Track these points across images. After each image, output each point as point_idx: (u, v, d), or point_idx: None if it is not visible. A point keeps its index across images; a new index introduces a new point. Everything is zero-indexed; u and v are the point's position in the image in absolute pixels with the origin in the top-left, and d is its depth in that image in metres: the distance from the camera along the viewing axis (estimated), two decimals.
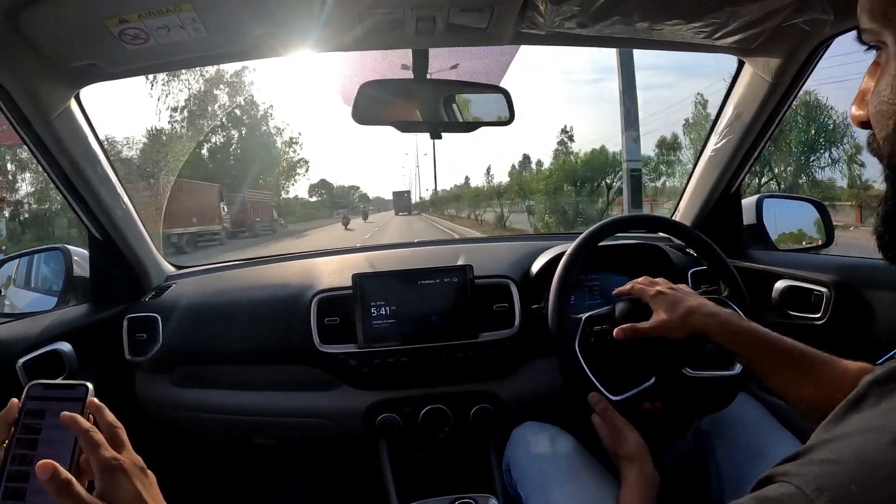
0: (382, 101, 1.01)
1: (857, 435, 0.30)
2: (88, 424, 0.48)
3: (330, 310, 1.15)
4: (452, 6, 0.82)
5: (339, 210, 58.07)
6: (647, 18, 0.90)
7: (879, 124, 0.38)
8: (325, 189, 79.28)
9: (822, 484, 0.28)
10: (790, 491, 0.29)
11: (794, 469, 0.30)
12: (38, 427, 0.48)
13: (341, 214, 41.30)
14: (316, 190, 77.39)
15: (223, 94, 32.46)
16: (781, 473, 0.31)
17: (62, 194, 1.08)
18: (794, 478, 0.29)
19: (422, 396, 1.18)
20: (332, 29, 0.87)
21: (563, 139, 43.00)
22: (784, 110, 1.13)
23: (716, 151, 1.26)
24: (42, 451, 0.47)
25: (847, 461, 0.28)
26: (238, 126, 36.71)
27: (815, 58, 1.01)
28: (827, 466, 0.28)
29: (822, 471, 0.28)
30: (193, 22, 0.80)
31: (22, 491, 0.45)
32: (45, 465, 0.43)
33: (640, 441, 0.80)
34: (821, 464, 0.29)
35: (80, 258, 1.25)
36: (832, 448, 0.30)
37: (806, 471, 0.29)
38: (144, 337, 1.19)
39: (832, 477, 0.28)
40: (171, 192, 17.26)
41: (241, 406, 1.22)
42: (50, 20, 0.77)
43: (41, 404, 0.49)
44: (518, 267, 1.23)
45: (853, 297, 1.00)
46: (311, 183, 73.24)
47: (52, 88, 0.91)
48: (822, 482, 0.28)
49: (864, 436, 0.29)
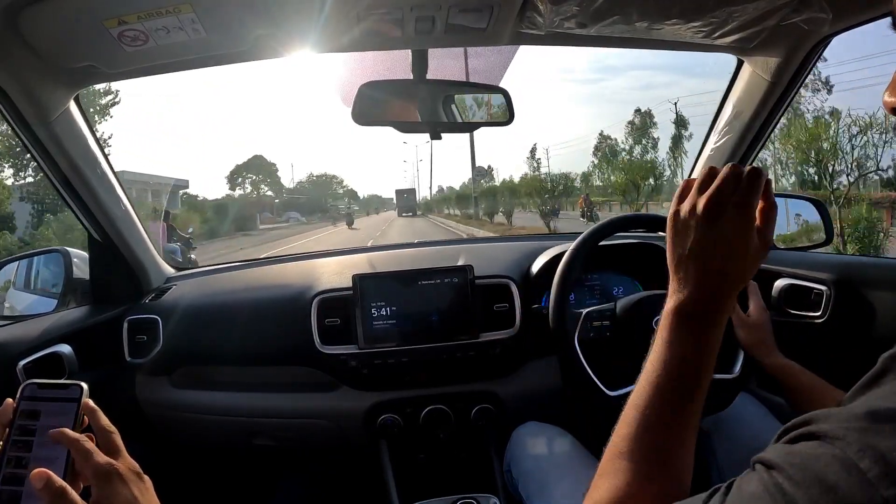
0: (382, 101, 1.01)
1: (890, 406, 0.30)
2: (76, 435, 0.47)
3: (330, 310, 1.15)
4: (451, 6, 0.82)
5: (289, 214, 44.86)
6: (646, 18, 0.90)
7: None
8: (259, 173, 53.97)
9: (866, 444, 0.27)
10: (833, 451, 0.28)
11: (833, 429, 0.29)
12: (32, 428, 0.48)
13: (292, 219, 32.05)
14: (245, 175, 53.55)
15: None
16: (823, 433, 0.30)
17: (61, 196, 1.08)
18: (836, 441, 0.29)
19: (422, 397, 1.18)
20: (331, 29, 0.87)
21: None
22: (783, 109, 1.13)
23: (715, 150, 1.26)
24: (37, 452, 0.46)
25: (884, 429, 0.28)
26: None
27: (813, 57, 1.01)
28: (867, 432, 0.28)
29: (863, 435, 0.28)
30: (192, 23, 0.80)
31: (17, 494, 0.45)
32: (38, 474, 0.43)
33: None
34: (860, 430, 0.29)
35: (80, 260, 1.25)
36: (865, 417, 0.30)
37: (846, 433, 0.29)
38: (145, 339, 1.19)
39: (875, 440, 0.27)
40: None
41: (241, 407, 1.22)
42: (49, 21, 0.77)
43: (36, 404, 0.49)
44: (518, 267, 1.23)
45: (853, 296, 1.00)
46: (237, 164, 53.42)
47: (51, 90, 0.91)
48: (865, 443, 0.28)
49: (894, 407, 0.29)
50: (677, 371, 0.49)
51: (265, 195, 54.88)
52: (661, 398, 0.49)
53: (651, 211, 12.59)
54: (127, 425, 0.52)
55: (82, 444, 0.46)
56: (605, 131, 50.29)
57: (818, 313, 1.04)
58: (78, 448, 0.46)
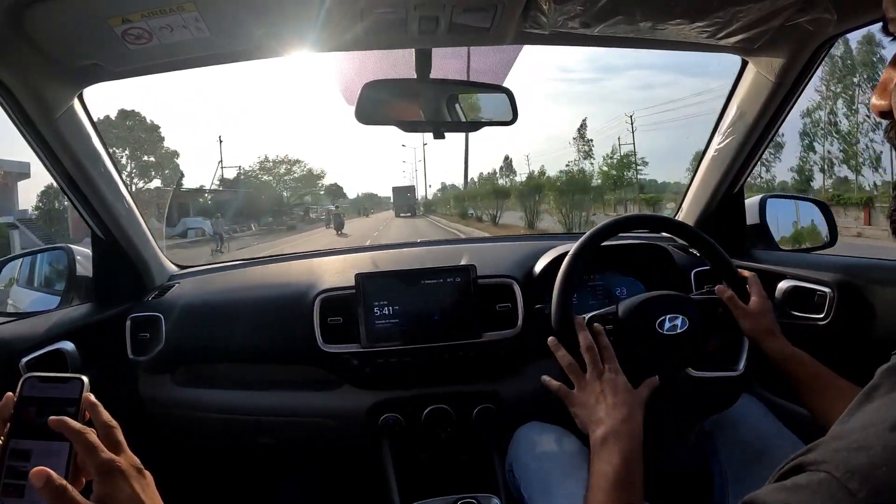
0: (385, 101, 1.01)
1: (880, 423, 0.30)
2: (80, 426, 0.46)
3: (333, 309, 1.15)
4: (455, 6, 0.82)
5: (188, 223, 27.98)
6: (651, 18, 0.90)
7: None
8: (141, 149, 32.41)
9: (852, 467, 0.28)
10: (820, 477, 0.29)
11: (821, 457, 0.30)
12: (34, 421, 0.47)
13: (192, 232, 23.34)
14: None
15: None
16: (810, 462, 0.31)
17: (65, 194, 1.08)
18: (823, 465, 0.29)
19: (424, 396, 1.18)
20: (335, 29, 0.87)
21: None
22: (787, 110, 1.13)
23: (718, 151, 1.25)
24: (39, 445, 0.46)
25: (874, 447, 0.28)
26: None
27: (818, 57, 1.00)
28: (855, 453, 0.29)
29: (850, 457, 0.29)
30: (196, 22, 0.80)
31: (20, 488, 0.45)
32: (38, 473, 0.42)
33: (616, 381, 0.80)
34: (848, 450, 0.29)
35: (83, 257, 1.25)
36: (856, 437, 0.30)
37: (833, 457, 0.29)
38: (147, 336, 1.19)
39: (861, 462, 0.28)
40: None
41: (243, 405, 1.22)
42: (53, 20, 0.77)
43: (36, 398, 0.49)
44: (521, 267, 1.22)
45: (856, 298, 1.00)
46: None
47: (55, 88, 0.91)
48: (852, 466, 0.28)
49: (884, 424, 0.30)
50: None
51: (145, 190, 33.17)
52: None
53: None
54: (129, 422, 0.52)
55: (86, 437, 0.46)
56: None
57: (821, 315, 1.04)
58: (81, 441, 0.46)
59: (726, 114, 1.21)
